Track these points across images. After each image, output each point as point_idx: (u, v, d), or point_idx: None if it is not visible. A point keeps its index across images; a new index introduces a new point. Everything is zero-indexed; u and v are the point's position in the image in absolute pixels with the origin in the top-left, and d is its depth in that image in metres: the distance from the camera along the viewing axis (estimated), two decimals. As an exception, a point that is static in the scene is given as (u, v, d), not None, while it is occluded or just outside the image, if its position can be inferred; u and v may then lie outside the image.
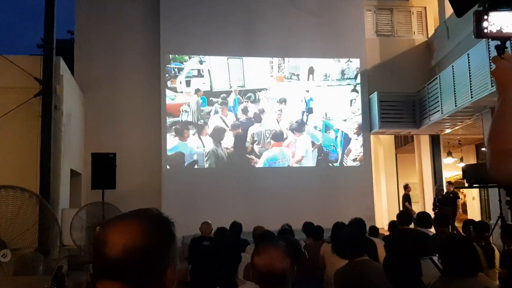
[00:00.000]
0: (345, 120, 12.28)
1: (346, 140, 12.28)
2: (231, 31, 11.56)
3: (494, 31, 1.41)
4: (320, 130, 12.32)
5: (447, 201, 10.27)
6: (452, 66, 9.50)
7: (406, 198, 11.77)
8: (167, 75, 11.35)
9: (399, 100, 11.47)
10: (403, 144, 13.79)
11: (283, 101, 12.19)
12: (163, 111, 11.18)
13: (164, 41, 11.32)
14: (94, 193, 7.44)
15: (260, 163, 11.70)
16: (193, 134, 11.48)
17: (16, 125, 7.64)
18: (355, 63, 12.31)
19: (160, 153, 11.04)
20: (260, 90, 12.02)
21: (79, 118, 10.35)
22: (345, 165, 12.03)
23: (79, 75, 10.69)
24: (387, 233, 6.45)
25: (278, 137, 12.16)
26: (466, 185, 7.70)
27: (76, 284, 5.91)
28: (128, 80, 11.30)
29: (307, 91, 12.27)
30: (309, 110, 12.35)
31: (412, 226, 5.44)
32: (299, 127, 12.25)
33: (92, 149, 8.63)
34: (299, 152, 12.20)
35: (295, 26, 11.82)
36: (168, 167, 11.07)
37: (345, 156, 12.19)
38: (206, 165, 11.47)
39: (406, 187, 11.94)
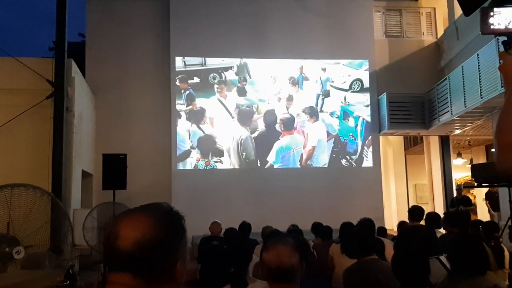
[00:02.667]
0: (367, 106, 11.62)
1: (368, 129, 11.55)
2: (240, 33, 11.60)
3: (501, 27, 1.42)
4: (337, 117, 11.36)
5: (466, 201, 10.00)
6: (462, 66, 9.44)
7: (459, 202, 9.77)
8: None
9: (408, 101, 11.41)
10: (412, 145, 13.72)
11: (295, 83, 11.17)
12: (173, 112, 11.27)
13: (174, 43, 11.41)
14: (105, 194, 7.51)
15: (271, 155, 11.32)
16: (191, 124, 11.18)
17: (28, 126, 7.75)
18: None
19: (170, 154, 11.12)
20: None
21: (90, 119, 10.46)
22: (365, 158, 11.57)
23: (90, 77, 10.81)
24: (396, 234, 6.44)
25: (289, 125, 11.27)
26: (475, 184, 7.65)
27: (87, 284, 5.97)
28: (139, 81, 11.42)
29: (324, 69, 11.47)
30: (326, 93, 11.44)
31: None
32: (312, 113, 11.25)
33: (103, 150, 8.71)
34: (310, 142, 11.21)
35: (304, 27, 11.82)
36: (178, 167, 11.15)
37: (365, 148, 11.56)
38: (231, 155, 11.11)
39: (459, 189, 10.43)
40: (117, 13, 11.60)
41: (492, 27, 1.42)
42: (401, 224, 6.23)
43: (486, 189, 11.80)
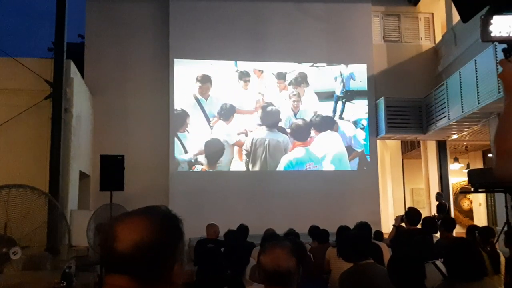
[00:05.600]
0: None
1: None
2: (239, 36, 11.63)
3: (501, 34, 1.44)
4: (363, 128, 9.95)
5: (440, 209, 10.32)
6: (459, 72, 9.48)
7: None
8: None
9: (406, 105, 11.45)
10: (409, 149, 13.76)
11: (300, 81, 9.71)
12: (171, 113, 11.27)
13: (173, 45, 11.42)
14: (103, 195, 7.50)
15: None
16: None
17: (26, 127, 7.73)
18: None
19: (168, 156, 11.12)
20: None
21: (89, 120, 10.45)
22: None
23: (89, 78, 10.80)
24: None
25: (302, 134, 9.75)
26: (472, 189, 7.70)
27: (83, 285, 5.95)
28: (137, 83, 11.42)
29: (346, 65, 10.22)
30: (348, 95, 9.97)
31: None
32: (326, 122, 9.57)
33: (101, 151, 8.71)
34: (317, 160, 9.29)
35: (302, 31, 11.86)
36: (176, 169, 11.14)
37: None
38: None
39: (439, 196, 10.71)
40: (116, 15, 11.62)
41: (492, 34, 1.44)
42: (397, 229, 6.22)
43: (483, 195, 11.86)
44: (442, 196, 10.72)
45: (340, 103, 9.90)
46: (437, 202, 10.61)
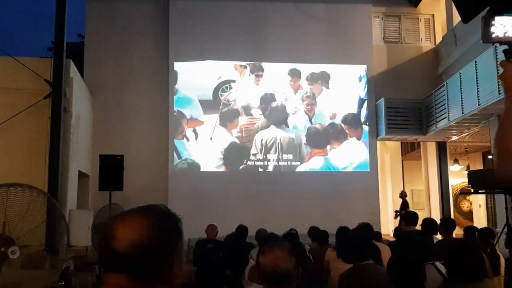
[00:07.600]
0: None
1: None
2: (239, 37, 11.63)
3: (502, 35, 1.43)
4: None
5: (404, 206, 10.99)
6: (460, 73, 9.48)
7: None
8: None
9: (406, 106, 11.45)
10: (409, 150, 13.75)
11: (316, 78, 9.95)
12: (171, 113, 11.27)
13: (173, 45, 11.43)
14: (102, 195, 7.50)
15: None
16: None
17: (25, 126, 7.71)
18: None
19: (167, 156, 11.11)
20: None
21: (88, 120, 10.44)
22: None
23: (88, 78, 10.80)
24: (392, 239, 6.44)
25: (320, 140, 9.71)
26: (472, 191, 7.69)
27: (82, 285, 5.94)
28: (137, 83, 11.42)
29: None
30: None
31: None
32: (348, 129, 9.54)
33: (100, 151, 8.70)
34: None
35: (303, 32, 11.86)
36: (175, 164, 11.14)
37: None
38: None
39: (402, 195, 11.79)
40: (116, 15, 11.62)
41: (493, 35, 1.43)
42: (397, 230, 6.23)
43: (483, 196, 11.90)
44: (406, 195, 11.74)
45: (365, 106, 9.68)
46: (401, 200, 11.43)
